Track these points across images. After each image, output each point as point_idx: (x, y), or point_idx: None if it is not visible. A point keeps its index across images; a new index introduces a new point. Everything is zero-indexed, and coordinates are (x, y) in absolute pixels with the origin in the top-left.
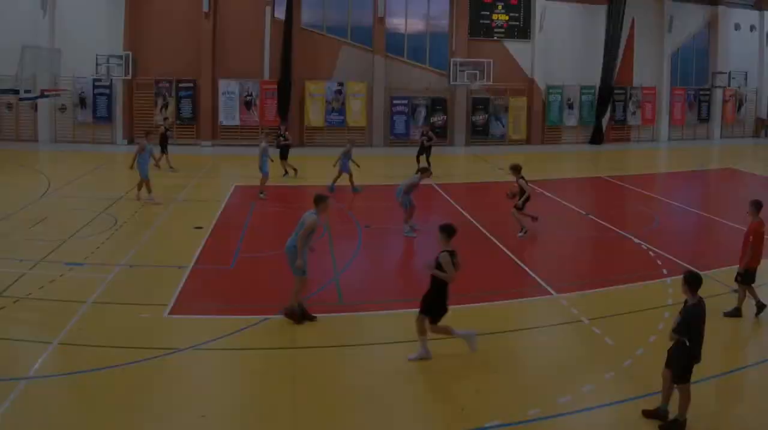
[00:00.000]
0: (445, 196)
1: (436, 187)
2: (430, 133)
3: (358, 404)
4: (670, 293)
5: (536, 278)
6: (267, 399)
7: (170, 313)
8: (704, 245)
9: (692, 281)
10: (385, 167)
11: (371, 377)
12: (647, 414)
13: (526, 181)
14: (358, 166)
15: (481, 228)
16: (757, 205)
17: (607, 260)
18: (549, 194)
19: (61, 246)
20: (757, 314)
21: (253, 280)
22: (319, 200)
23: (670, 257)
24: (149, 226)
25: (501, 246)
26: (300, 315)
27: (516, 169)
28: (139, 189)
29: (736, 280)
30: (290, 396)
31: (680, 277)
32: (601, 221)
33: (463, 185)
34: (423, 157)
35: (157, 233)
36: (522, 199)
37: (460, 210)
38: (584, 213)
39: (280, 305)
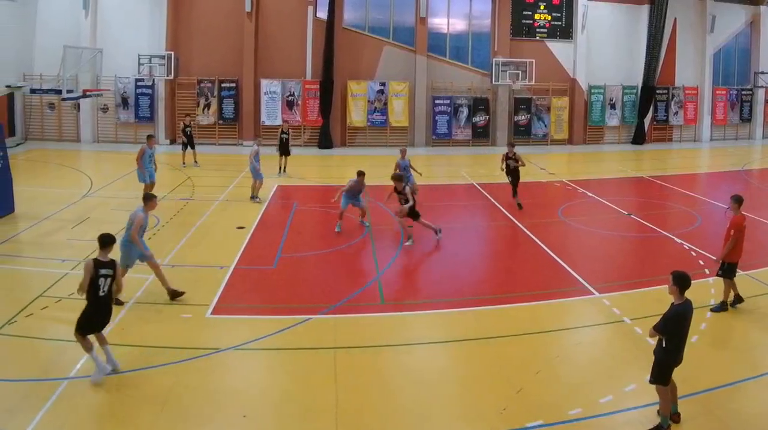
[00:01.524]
0: (487, 195)
1: (478, 187)
2: (516, 154)
3: (400, 404)
4: (712, 293)
5: (578, 277)
6: (308, 399)
7: (212, 313)
8: (746, 244)
9: (680, 282)
10: (426, 167)
11: (412, 377)
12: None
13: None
14: (420, 174)
15: (523, 228)
16: (738, 200)
17: (649, 260)
18: (591, 194)
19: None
20: (734, 304)
21: (295, 280)
22: (146, 199)
23: (712, 257)
24: (191, 226)
25: (543, 246)
26: (172, 293)
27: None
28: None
29: (717, 274)
30: (332, 396)
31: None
32: (643, 221)
33: (505, 185)
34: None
35: (200, 233)
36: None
37: (502, 210)
38: (626, 213)
39: (322, 305)
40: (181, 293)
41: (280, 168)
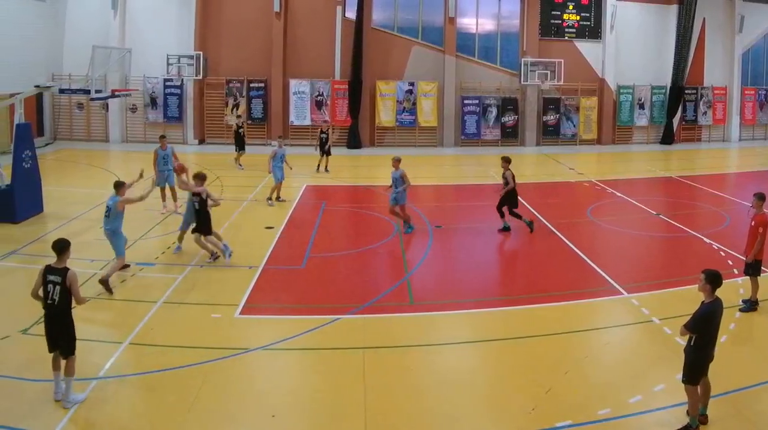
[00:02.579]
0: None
1: None
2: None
3: (428, 404)
4: (741, 293)
5: (607, 277)
6: (337, 399)
7: (241, 313)
8: None
9: (712, 280)
10: (455, 167)
11: (441, 377)
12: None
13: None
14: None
15: (552, 228)
16: (761, 197)
17: (678, 260)
18: (620, 194)
19: (131, 246)
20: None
21: (324, 280)
22: (117, 186)
23: (741, 257)
24: (220, 226)
25: (572, 246)
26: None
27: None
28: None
29: (745, 273)
30: (360, 396)
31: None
32: (671, 221)
33: (534, 185)
34: None
35: (228, 233)
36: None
37: (531, 210)
38: (655, 213)
39: (351, 305)
40: (109, 289)
41: (318, 166)
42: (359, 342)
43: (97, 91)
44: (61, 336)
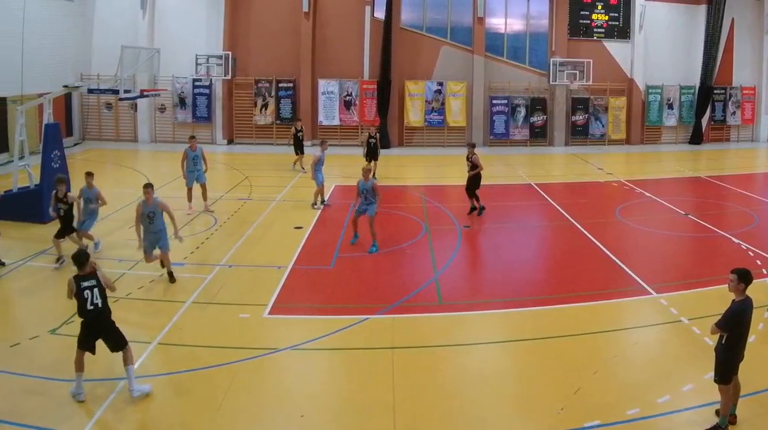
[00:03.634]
0: (545, 195)
1: (535, 187)
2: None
3: (457, 404)
4: None
5: (636, 277)
6: (366, 399)
7: (269, 313)
8: None
9: (744, 278)
10: (484, 167)
11: (470, 377)
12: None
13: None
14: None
15: (580, 228)
16: None
17: (707, 260)
18: (649, 194)
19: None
20: None
21: (353, 280)
22: (144, 187)
23: None
24: (249, 226)
25: (601, 246)
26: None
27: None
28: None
29: None
30: (389, 396)
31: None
32: (700, 221)
33: (563, 185)
34: None
35: (257, 233)
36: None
37: (560, 209)
38: (684, 213)
39: (380, 305)
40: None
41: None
42: (388, 342)
43: (125, 91)
44: (112, 333)
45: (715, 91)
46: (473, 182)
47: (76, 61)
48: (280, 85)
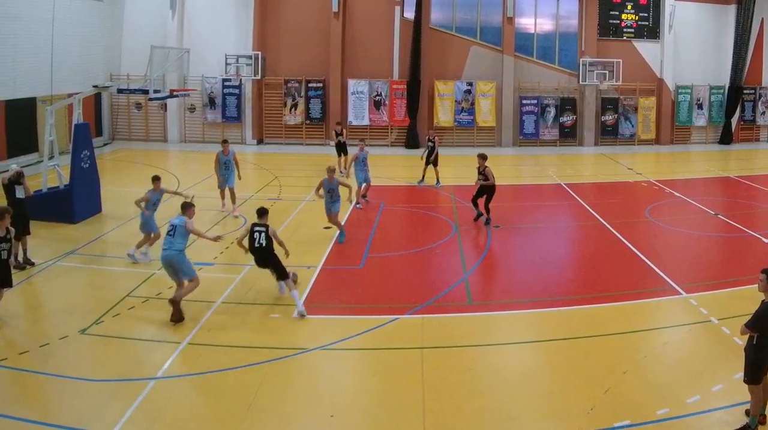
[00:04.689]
0: (575, 195)
1: (565, 187)
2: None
3: (487, 403)
4: None
5: (665, 277)
6: (396, 399)
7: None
8: None
9: None
10: (513, 167)
11: (499, 377)
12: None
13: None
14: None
15: (610, 228)
16: None
17: (737, 260)
18: (678, 194)
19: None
20: None
21: (382, 280)
22: (185, 207)
23: None
24: (278, 226)
25: (630, 246)
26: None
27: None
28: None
29: None
30: (419, 396)
31: None
32: (730, 221)
33: (592, 185)
34: None
35: (286, 234)
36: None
37: (589, 209)
38: (713, 213)
39: (410, 305)
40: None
41: (423, 177)
42: (418, 342)
43: (155, 91)
44: (273, 260)
45: (745, 91)
46: (484, 192)
47: (106, 62)
48: (310, 85)
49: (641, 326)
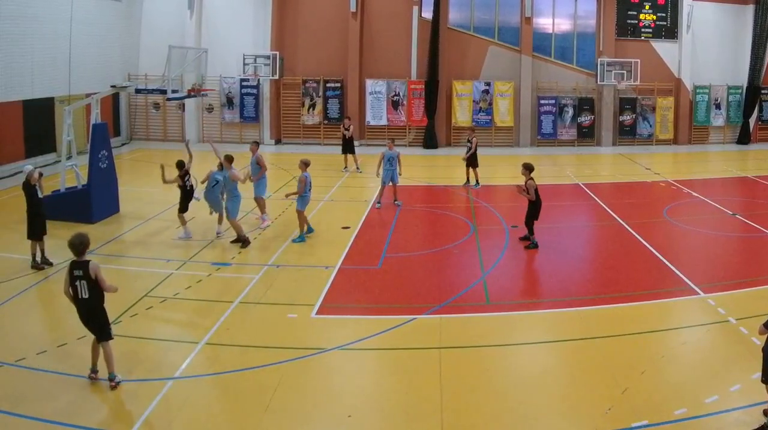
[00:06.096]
0: (593, 195)
1: (583, 187)
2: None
3: (505, 404)
4: None
5: (683, 277)
6: (413, 399)
7: (317, 313)
8: None
9: None
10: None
11: (517, 377)
12: None
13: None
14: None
15: (628, 228)
16: None
17: (755, 260)
18: (696, 194)
19: (207, 246)
20: None
21: (400, 280)
22: (228, 160)
23: None
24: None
25: (648, 246)
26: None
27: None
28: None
29: None
30: (437, 396)
31: None
32: (748, 221)
33: (610, 185)
34: None
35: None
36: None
37: (607, 209)
38: (732, 213)
39: (427, 305)
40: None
41: (468, 180)
42: (435, 342)
43: (173, 91)
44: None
45: (763, 91)
46: (533, 212)
47: (124, 62)
48: (328, 85)
49: (659, 326)
